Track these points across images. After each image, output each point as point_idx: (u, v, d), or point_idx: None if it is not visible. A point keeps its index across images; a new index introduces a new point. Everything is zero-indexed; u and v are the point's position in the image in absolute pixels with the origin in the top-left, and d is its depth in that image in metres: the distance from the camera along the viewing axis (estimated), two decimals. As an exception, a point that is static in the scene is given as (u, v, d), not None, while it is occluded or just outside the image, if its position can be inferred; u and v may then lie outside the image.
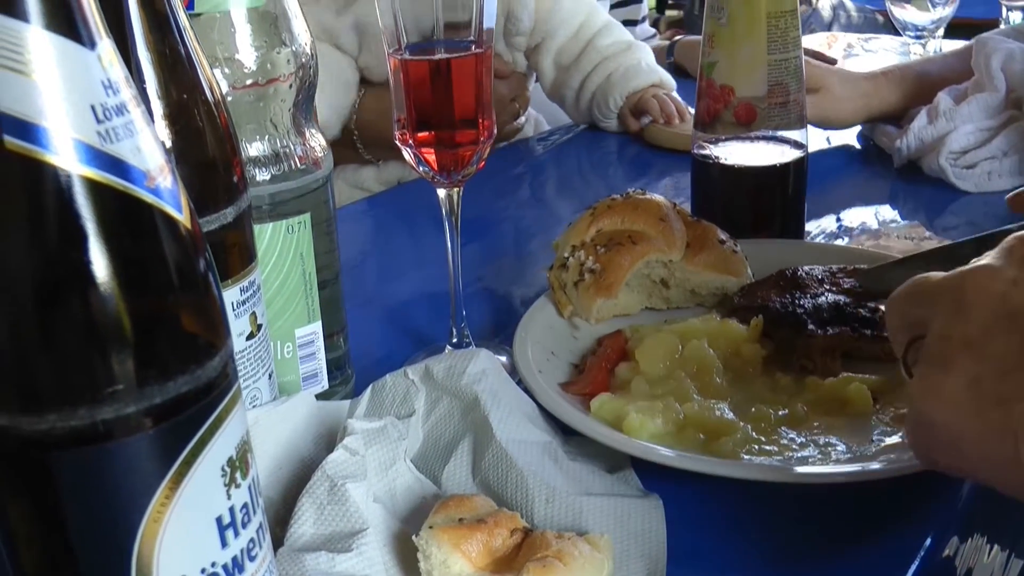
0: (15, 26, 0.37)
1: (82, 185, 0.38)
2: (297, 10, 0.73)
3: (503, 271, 1.10)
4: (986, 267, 0.54)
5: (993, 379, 0.50)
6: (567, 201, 1.34)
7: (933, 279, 0.56)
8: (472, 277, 1.02)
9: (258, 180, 0.72)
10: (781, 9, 0.94)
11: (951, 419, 0.52)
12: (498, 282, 1.07)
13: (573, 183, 1.42)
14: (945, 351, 0.52)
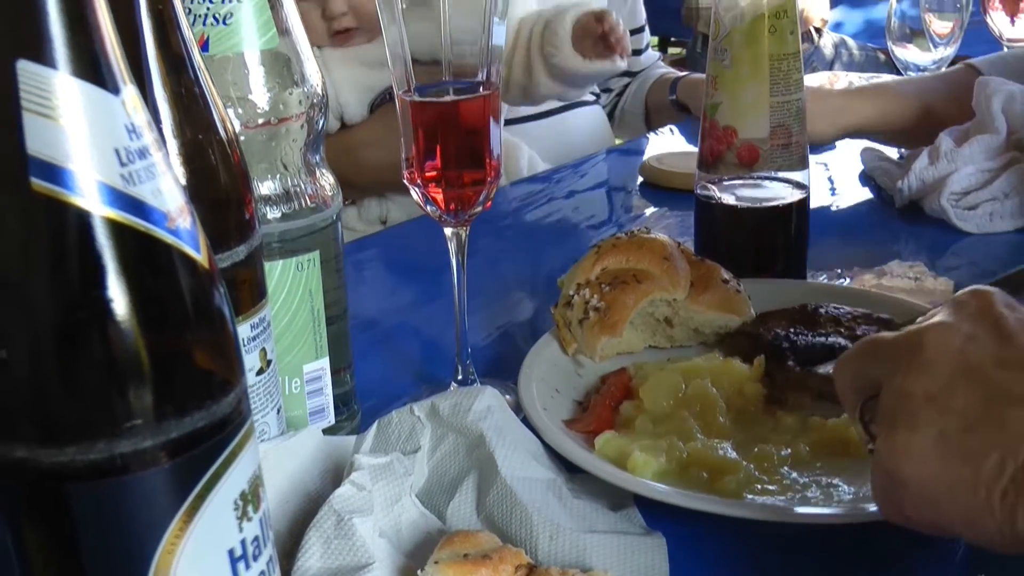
0: (43, 72, 0.38)
1: (105, 226, 0.39)
2: (309, 52, 0.75)
3: (508, 308, 1.12)
4: (942, 323, 0.55)
5: (959, 434, 0.51)
6: (571, 238, 1.35)
7: (887, 338, 0.57)
8: (477, 314, 1.03)
9: (269, 218, 0.73)
10: (784, 52, 0.96)
11: (923, 474, 0.52)
12: (503, 319, 1.08)
13: (576, 220, 1.43)
14: (908, 407, 0.53)
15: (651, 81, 1.99)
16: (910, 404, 0.53)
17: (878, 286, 1.10)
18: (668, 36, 5.35)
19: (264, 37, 0.71)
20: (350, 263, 0.82)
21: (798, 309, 0.89)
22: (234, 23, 0.70)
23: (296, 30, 0.74)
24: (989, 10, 1.83)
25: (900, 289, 1.09)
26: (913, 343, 0.54)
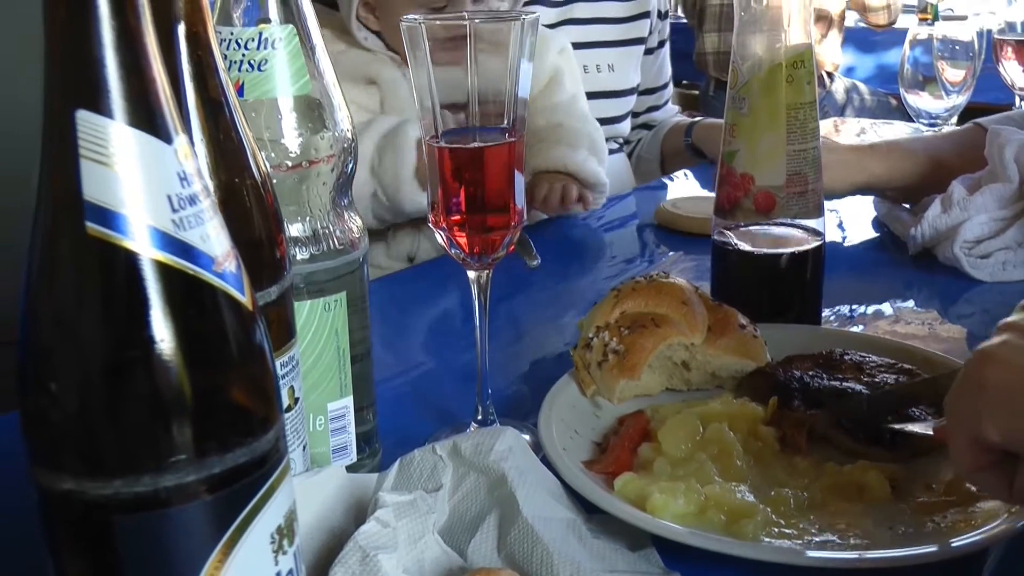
0: (100, 122, 0.40)
1: (156, 269, 0.41)
2: (340, 97, 0.77)
3: (528, 349, 1.13)
4: None
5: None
6: (590, 279, 1.36)
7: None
8: (498, 354, 1.04)
9: (297, 259, 0.75)
10: (800, 101, 0.98)
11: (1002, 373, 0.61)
12: (523, 359, 1.10)
13: (596, 262, 1.45)
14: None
15: (667, 128, 2.02)
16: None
17: (892, 333, 1.11)
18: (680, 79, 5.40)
19: (297, 83, 0.73)
20: (374, 301, 0.84)
21: (824, 354, 0.90)
22: (269, 69, 0.72)
23: (328, 76, 0.76)
24: (1001, 59, 1.85)
25: (913, 336, 1.11)
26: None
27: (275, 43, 0.72)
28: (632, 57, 1.95)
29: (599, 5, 1.89)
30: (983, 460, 0.63)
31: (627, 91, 1.95)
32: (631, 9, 1.93)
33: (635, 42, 1.95)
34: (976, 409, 0.62)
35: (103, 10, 0.40)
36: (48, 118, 0.41)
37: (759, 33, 0.98)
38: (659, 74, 2.05)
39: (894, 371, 0.87)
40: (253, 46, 0.72)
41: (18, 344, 0.43)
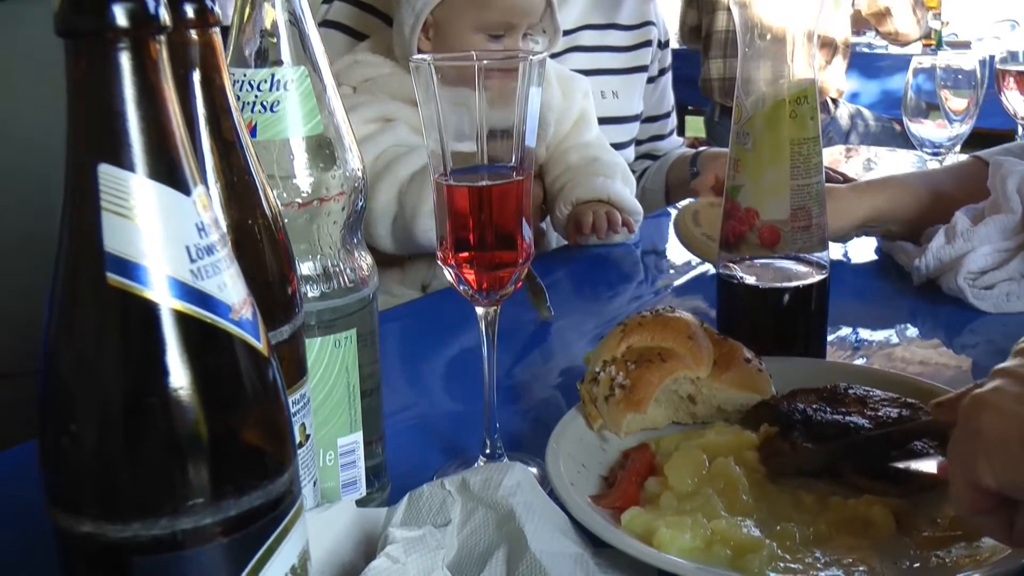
0: (122, 175, 0.41)
1: (174, 318, 0.42)
2: (350, 136, 0.78)
3: (536, 382, 1.14)
4: None
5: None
6: (597, 311, 1.37)
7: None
8: (506, 387, 1.05)
9: (308, 297, 0.76)
10: (804, 136, 0.99)
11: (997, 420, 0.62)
12: (530, 393, 1.10)
13: (603, 294, 1.46)
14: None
15: (671, 159, 2.03)
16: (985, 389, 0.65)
17: (896, 364, 1.12)
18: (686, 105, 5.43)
19: (309, 124, 0.74)
20: (385, 331, 0.85)
21: (828, 388, 0.91)
22: (281, 111, 0.73)
23: (339, 114, 0.77)
24: (1004, 89, 1.87)
25: (918, 367, 1.11)
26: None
27: (287, 84, 0.74)
28: (636, 85, 1.98)
29: (605, 34, 1.92)
30: (982, 504, 0.64)
31: (631, 118, 1.97)
32: (635, 38, 1.96)
33: (639, 70, 1.98)
34: (973, 455, 0.63)
35: (125, 65, 0.41)
36: (70, 170, 0.42)
37: (763, 69, 0.99)
38: (660, 102, 2.07)
39: (898, 405, 0.88)
40: (266, 87, 0.73)
41: (38, 390, 0.44)
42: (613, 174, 1.64)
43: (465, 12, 1.52)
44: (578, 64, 1.84)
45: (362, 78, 1.57)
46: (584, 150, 1.68)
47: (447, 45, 1.54)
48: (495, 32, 1.53)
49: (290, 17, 0.75)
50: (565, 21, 1.86)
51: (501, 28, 1.53)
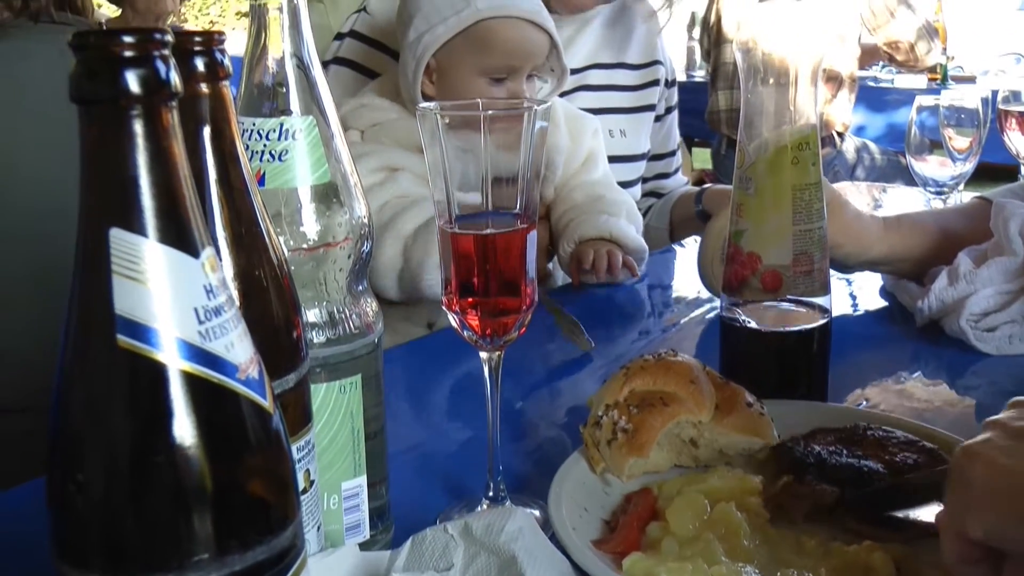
0: (133, 240, 0.42)
1: (182, 379, 0.43)
2: (357, 183, 0.79)
3: (539, 421, 1.15)
4: None
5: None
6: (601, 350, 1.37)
7: None
8: (509, 428, 1.06)
9: (314, 342, 0.77)
10: (806, 182, 1.00)
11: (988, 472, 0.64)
12: (534, 432, 1.11)
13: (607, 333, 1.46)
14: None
15: (675, 197, 2.05)
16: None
17: (900, 406, 1.12)
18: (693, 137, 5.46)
19: (317, 173, 0.75)
20: (389, 369, 0.86)
21: (849, 428, 0.92)
22: (289, 160, 0.75)
23: (346, 162, 0.78)
24: (1007, 129, 1.88)
25: (921, 408, 1.12)
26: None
27: (295, 134, 0.75)
28: (644, 123, 1.99)
29: (612, 73, 1.93)
30: (969, 554, 0.65)
31: (639, 156, 1.98)
32: (642, 77, 1.97)
33: (646, 109, 1.99)
34: (962, 505, 0.64)
35: (138, 132, 0.42)
36: (82, 234, 0.43)
37: (765, 114, 1.01)
38: (666, 141, 2.08)
39: (915, 450, 0.88)
40: (274, 137, 0.75)
41: (47, 448, 0.45)
42: (618, 212, 1.65)
43: (466, 56, 1.53)
44: (586, 103, 1.85)
45: (370, 122, 1.58)
46: (590, 188, 1.69)
47: (450, 88, 1.55)
48: (497, 76, 1.54)
49: (298, 65, 0.77)
50: (573, 60, 1.87)
51: (503, 72, 1.54)
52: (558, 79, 1.66)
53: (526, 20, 1.53)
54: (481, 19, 1.51)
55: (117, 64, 0.41)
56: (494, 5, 1.52)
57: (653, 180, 2.07)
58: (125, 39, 0.41)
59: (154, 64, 0.42)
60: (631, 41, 1.98)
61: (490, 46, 1.52)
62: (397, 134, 1.57)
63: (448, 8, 1.52)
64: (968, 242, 1.36)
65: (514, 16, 1.52)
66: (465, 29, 1.51)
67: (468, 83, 1.54)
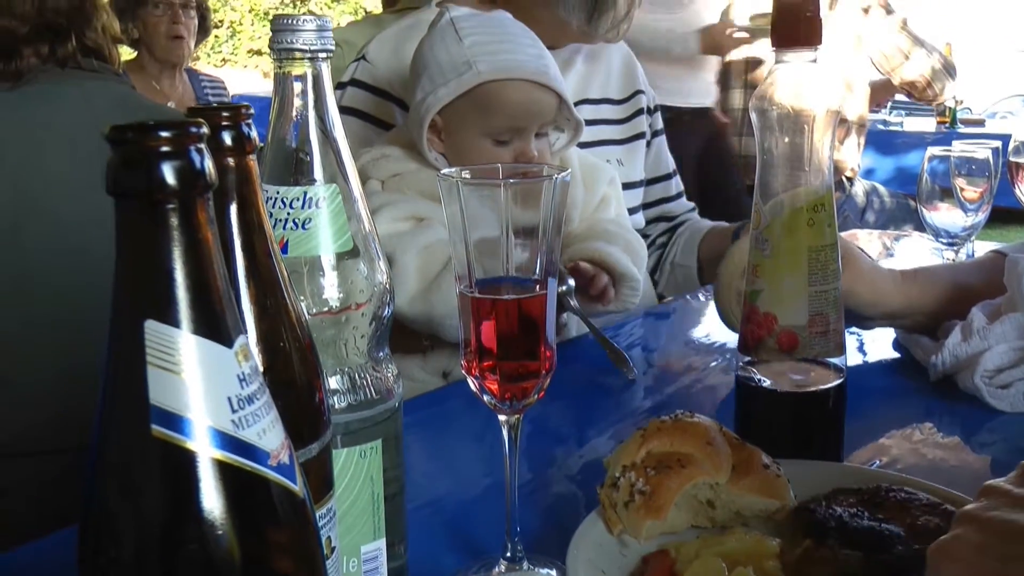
0: (168, 332, 0.43)
1: (215, 467, 0.43)
2: (378, 249, 0.80)
3: (556, 479, 1.15)
4: None
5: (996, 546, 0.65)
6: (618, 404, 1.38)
7: None
8: (526, 487, 1.06)
9: (335, 408, 0.77)
10: (822, 244, 1.01)
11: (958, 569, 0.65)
12: (551, 490, 1.11)
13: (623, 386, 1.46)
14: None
15: (702, 232, 2.02)
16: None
17: (915, 465, 1.12)
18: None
19: (339, 241, 0.76)
20: (405, 423, 0.86)
21: (870, 490, 0.91)
22: (312, 228, 0.75)
23: (367, 227, 0.79)
24: (1017, 182, 1.88)
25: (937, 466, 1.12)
26: None
27: (319, 202, 0.76)
28: (638, 151, 2.01)
29: (599, 108, 1.95)
30: None
31: (637, 183, 2.01)
32: (627, 109, 2.00)
33: (637, 137, 2.01)
34: None
35: (174, 224, 0.43)
36: (116, 325, 0.44)
37: (780, 176, 1.01)
38: (658, 164, 2.08)
39: (938, 513, 0.88)
40: (298, 205, 0.75)
41: (78, 535, 0.45)
42: (613, 241, 1.62)
43: (470, 118, 1.53)
44: (583, 137, 1.85)
45: (389, 173, 1.58)
46: (593, 223, 1.68)
47: (456, 148, 1.55)
48: (502, 138, 1.53)
49: (322, 133, 0.78)
50: None
51: (508, 133, 1.53)
52: (573, 130, 1.66)
53: (530, 81, 1.52)
54: (482, 82, 1.50)
55: (154, 159, 0.42)
56: (496, 68, 1.50)
57: (656, 205, 2.07)
58: (162, 134, 0.42)
59: (190, 158, 0.43)
60: (611, 76, 2.00)
61: (493, 109, 1.51)
62: (419, 185, 1.56)
63: (451, 70, 1.51)
64: (982, 296, 1.36)
65: (517, 79, 1.51)
66: (468, 91, 1.51)
67: (472, 144, 1.53)
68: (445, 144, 1.56)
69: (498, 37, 1.54)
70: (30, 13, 1.89)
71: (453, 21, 1.54)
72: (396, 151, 1.59)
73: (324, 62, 0.78)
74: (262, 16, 17.91)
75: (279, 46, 0.77)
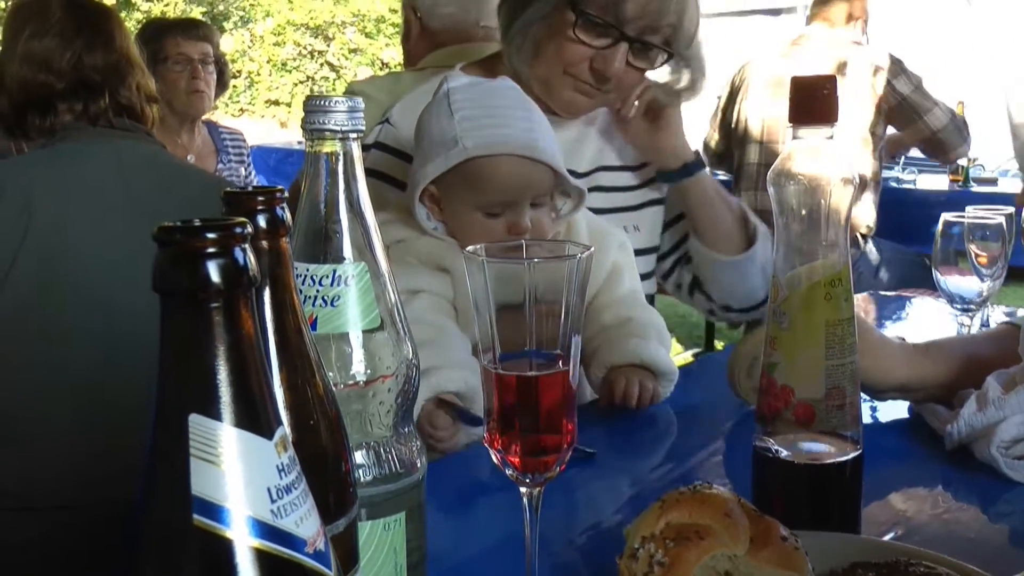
0: (211, 425, 0.44)
1: (254, 555, 0.45)
2: (404, 324, 0.82)
3: (575, 547, 1.15)
4: None
5: None
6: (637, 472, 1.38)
7: None
8: (545, 551, 1.07)
9: (360, 482, 0.79)
10: (839, 318, 1.02)
11: None
12: (570, 558, 1.12)
13: (642, 454, 1.47)
14: None
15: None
16: None
17: (931, 537, 1.13)
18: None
19: (367, 318, 0.78)
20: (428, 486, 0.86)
21: (890, 563, 0.92)
22: (341, 305, 0.77)
23: (395, 303, 0.81)
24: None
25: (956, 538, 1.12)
26: None
27: (348, 280, 0.78)
28: (655, 217, 2.00)
29: (617, 175, 1.95)
30: None
31: (651, 249, 2.00)
32: (644, 175, 1.98)
33: (655, 203, 2.00)
34: None
35: (218, 322, 0.45)
36: (161, 417, 0.45)
37: (798, 251, 1.03)
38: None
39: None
40: (327, 283, 0.77)
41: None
42: (647, 334, 1.64)
43: (460, 192, 1.53)
44: (597, 203, 1.85)
45: (393, 239, 1.57)
46: (617, 308, 1.68)
47: (452, 218, 1.56)
48: (493, 211, 1.53)
49: (352, 211, 0.80)
50: (581, 162, 1.89)
51: (498, 207, 1.53)
52: (575, 201, 1.65)
53: (518, 156, 1.51)
54: (469, 158, 1.50)
55: (200, 259, 0.44)
56: (482, 144, 1.50)
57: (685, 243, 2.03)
58: (208, 235, 0.44)
59: (235, 258, 0.45)
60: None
61: (481, 184, 1.51)
62: (420, 252, 1.57)
63: (440, 145, 1.52)
64: (996, 367, 1.37)
65: (503, 154, 1.50)
66: (456, 166, 1.51)
67: (464, 216, 1.54)
68: (443, 214, 1.58)
69: (488, 111, 1.54)
70: (67, 69, 1.94)
71: (448, 93, 1.56)
72: (401, 217, 1.60)
73: (355, 142, 0.80)
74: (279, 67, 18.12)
75: (311, 126, 0.79)
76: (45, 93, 1.93)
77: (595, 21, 1.71)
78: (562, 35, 1.74)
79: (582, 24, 1.72)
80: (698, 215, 1.94)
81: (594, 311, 1.66)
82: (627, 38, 1.73)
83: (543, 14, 1.76)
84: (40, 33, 1.94)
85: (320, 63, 18.70)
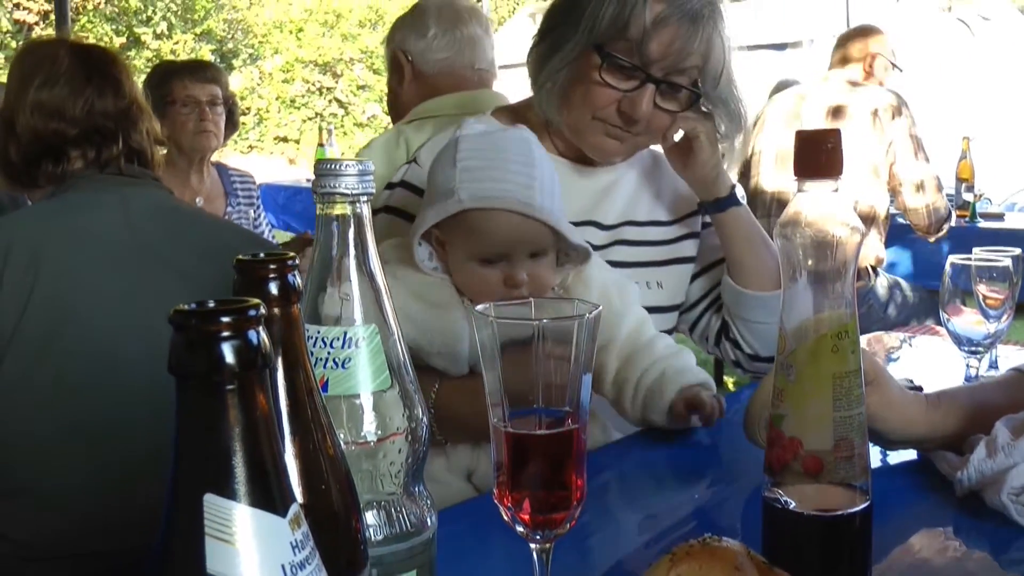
0: (226, 505, 0.45)
1: (269, 633, 0.45)
2: (413, 380, 0.82)
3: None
4: None
5: None
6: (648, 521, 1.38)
7: None
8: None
9: (371, 541, 0.79)
10: (846, 370, 1.02)
11: None
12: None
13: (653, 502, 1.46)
14: None
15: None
16: None
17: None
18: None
19: (377, 380, 0.79)
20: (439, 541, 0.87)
21: None
22: (352, 367, 0.78)
23: (405, 363, 0.82)
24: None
25: None
26: None
27: (358, 342, 0.79)
28: (682, 275, 1.99)
29: (645, 230, 1.95)
30: None
31: (673, 307, 1.99)
32: (677, 231, 1.98)
33: (683, 261, 1.99)
34: None
35: (233, 403, 0.46)
36: (175, 496, 0.46)
37: (804, 303, 1.04)
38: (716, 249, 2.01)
39: None
40: (338, 345, 0.78)
41: None
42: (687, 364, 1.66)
43: (456, 240, 1.54)
44: (622, 256, 1.87)
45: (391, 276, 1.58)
46: (663, 341, 1.69)
47: (451, 262, 1.57)
48: (489, 260, 1.54)
49: (363, 274, 0.81)
50: (609, 214, 1.90)
51: (493, 258, 1.53)
52: (581, 257, 1.64)
53: (513, 211, 1.51)
54: (464, 210, 1.51)
55: (215, 343, 0.45)
56: (477, 196, 1.51)
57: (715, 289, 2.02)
58: (223, 319, 0.45)
59: (249, 340, 0.46)
60: (665, 196, 1.99)
61: (476, 235, 1.52)
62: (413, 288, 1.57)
63: (440, 194, 1.53)
64: (1006, 411, 1.37)
65: (498, 208, 1.51)
66: (452, 216, 1.52)
67: (462, 263, 1.55)
68: (448, 255, 1.59)
69: (490, 163, 1.54)
70: (80, 117, 1.95)
71: (456, 141, 1.57)
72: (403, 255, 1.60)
73: (365, 204, 0.81)
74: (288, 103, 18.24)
75: (322, 190, 0.80)
76: (58, 141, 1.94)
77: (621, 63, 1.73)
78: (589, 79, 1.76)
79: (608, 67, 1.74)
80: (731, 250, 1.93)
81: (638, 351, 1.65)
82: (653, 79, 1.74)
83: (569, 59, 1.78)
84: (51, 82, 1.96)
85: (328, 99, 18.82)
